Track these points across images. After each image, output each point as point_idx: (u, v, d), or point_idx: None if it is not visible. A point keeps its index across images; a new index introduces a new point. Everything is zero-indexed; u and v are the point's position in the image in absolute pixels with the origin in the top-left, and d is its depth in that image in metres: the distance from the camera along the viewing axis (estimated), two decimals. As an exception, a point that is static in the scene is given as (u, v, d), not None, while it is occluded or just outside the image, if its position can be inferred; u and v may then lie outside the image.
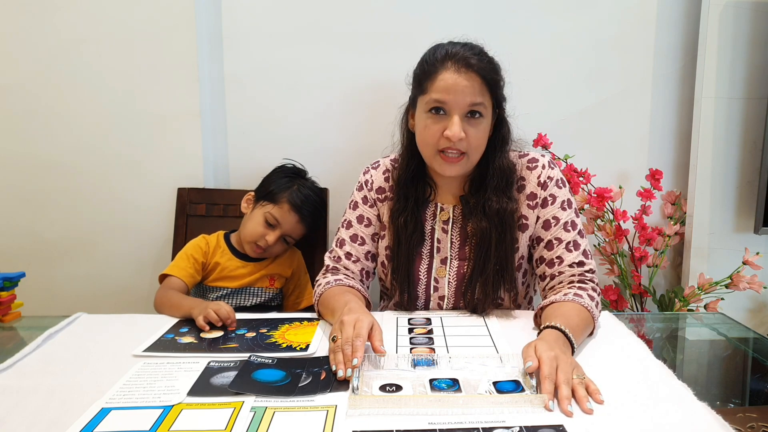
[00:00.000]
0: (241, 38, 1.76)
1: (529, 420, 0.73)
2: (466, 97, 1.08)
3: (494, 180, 1.16)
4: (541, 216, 1.17)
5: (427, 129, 1.11)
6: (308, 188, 1.48)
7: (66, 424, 0.73)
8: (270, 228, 1.41)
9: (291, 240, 1.46)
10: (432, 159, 1.14)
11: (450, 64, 1.09)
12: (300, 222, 1.44)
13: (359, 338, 0.88)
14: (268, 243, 1.40)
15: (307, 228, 1.47)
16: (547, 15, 1.75)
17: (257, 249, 1.42)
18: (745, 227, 1.75)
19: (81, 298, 1.79)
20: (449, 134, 1.08)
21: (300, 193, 1.44)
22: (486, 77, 1.09)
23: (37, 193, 1.76)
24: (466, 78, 1.08)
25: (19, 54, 1.69)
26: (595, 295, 1.08)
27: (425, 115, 1.12)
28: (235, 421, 0.73)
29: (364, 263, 1.24)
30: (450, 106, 1.09)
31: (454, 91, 1.08)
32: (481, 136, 1.12)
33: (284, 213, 1.41)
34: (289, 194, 1.43)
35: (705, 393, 0.80)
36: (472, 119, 1.10)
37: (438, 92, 1.09)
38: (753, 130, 1.71)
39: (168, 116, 1.71)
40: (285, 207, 1.42)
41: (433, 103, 1.10)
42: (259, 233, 1.41)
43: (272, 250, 1.44)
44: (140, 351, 0.97)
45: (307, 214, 1.44)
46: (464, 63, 1.08)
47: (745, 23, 1.67)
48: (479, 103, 1.09)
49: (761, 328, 1.81)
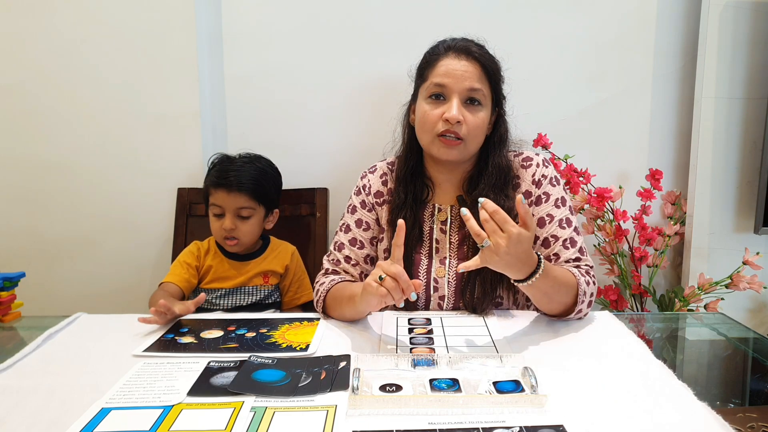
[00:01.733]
0: (241, 38, 1.76)
1: (529, 420, 0.72)
2: (465, 81, 1.11)
3: (492, 179, 1.16)
4: (536, 214, 1.18)
5: (426, 114, 1.14)
6: (227, 162, 1.45)
7: (66, 424, 0.73)
8: (220, 218, 1.42)
9: (247, 213, 1.41)
10: (431, 144, 1.15)
11: (451, 52, 1.14)
12: (230, 193, 1.39)
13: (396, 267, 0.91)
14: (228, 230, 1.40)
15: (248, 192, 1.41)
16: (547, 15, 1.75)
17: (230, 242, 1.42)
18: (745, 227, 1.75)
19: (81, 298, 1.79)
20: (448, 116, 1.10)
21: (217, 171, 1.43)
22: (486, 66, 1.13)
23: (37, 193, 1.76)
24: (467, 63, 1.12)
25: (19, 54, 1.69)
26: (590, 279, 1.08)
27: (425, 101, 1.15)
28: (235, 421, 0.73)
29: (363, 267, 1.24)
30: (449, 90, 1.11)
31: (453, 74, 1.11)
32: (479, 124, 1.13)
33: (217, 196, 1.41)
34: (210, 181, 1.43)
35: (705, 393, 0.80)
36: (471, 106, 1.13)
37: (438, 76, 1.12)
38: (753, 130, 1.71)
39: (168, 116, 1.72)
40: (214, 192, 1.42)
41: (434, 88, 1.13)
42: (217, 228, 1.42)
43: (242, 234, 1.41)
44: (140, 351, 0.97)
45: (234, 182, 1.39)
46: (465, 51, 1.13)
47: (745, 23, 1.67)
48: (478, 89, 1.12)
49: (761, 328, 1.81)
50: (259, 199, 1.43)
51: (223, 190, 1.40)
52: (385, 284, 0.91)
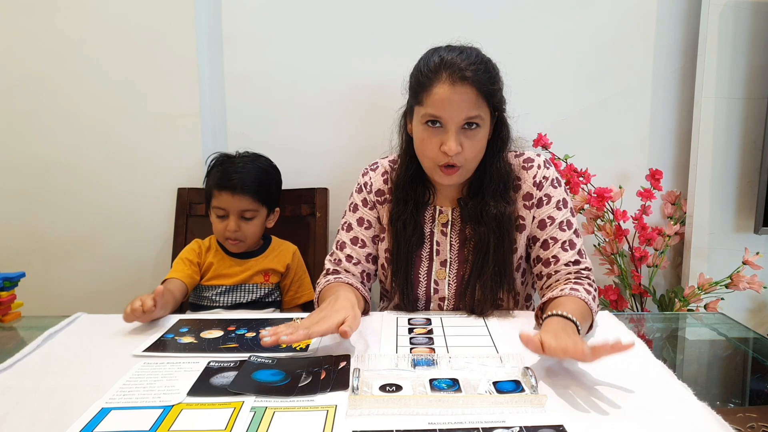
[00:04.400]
0: (241, 38, 1.76)
1: (529, 420, 0.72)
2: (461, 112, 1.07)
3: (492, 184, 1.16)
4: (537, 216, 1.18)
5: (425, 142, 1.11)
6: (228, 163, 1.44)
7: (66, 424, 0.73)
8: (223, 219, 1.41)
9: (251, 215, 1.42)
10: (432, 171, 1.15)
11: (444, 76, 1.06)
12: (235, 195, 1.39)
13: (306, 329, 0.89)
14: (231, 231, 1.40)
15: (252, 194, 1.41)
16: (547, 15, 1.75)
17: (233, 242, 1.42)
18: (745, 227, 1.75)
19: (81, 298, 1.79)
20: (446, 150, 1.08)
21: (219, 173, 1.42)
22: (481, 89, 1.07)
23: (37, 193, 1.76)
24: (462, 91, 1.06)
25: (19, 54, 1.69)
26: (591, 290, 1.09)
27: (422, 126, 1.11)
28: (235, 421, 0.73)
29: (365, 265, 1.24)
30: (445, 120, 1.08)
31: (449, 106, 1.06)
32: (478, 147, 1.12)
33: (221, 198, 1.40)
34: (213, 182, 1.42)
35: (705, 393, 0.80)
36: (468, 130, 1.09)
37: (433, 107, 1.07)
38: (753, 130, 1.71)
39: (168, 116, 1.72)
40: (217, 194, 1.41)
41: (429, 117, 1.09)
42: (220, 229, 1.42)
43: (247, 235, 1.42)
44: (140, 351, 0.97)
45: (238, 184, 1.39)
46: (459, 75, 1.05)
47: (745, 23, 1.67)
48: (475, 116, 1.08)
49: (761, 328, 1.81)
50: (263, 200, 1.44)
51: (227, 193, 1.39)
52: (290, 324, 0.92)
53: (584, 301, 1.04)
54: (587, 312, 1.03)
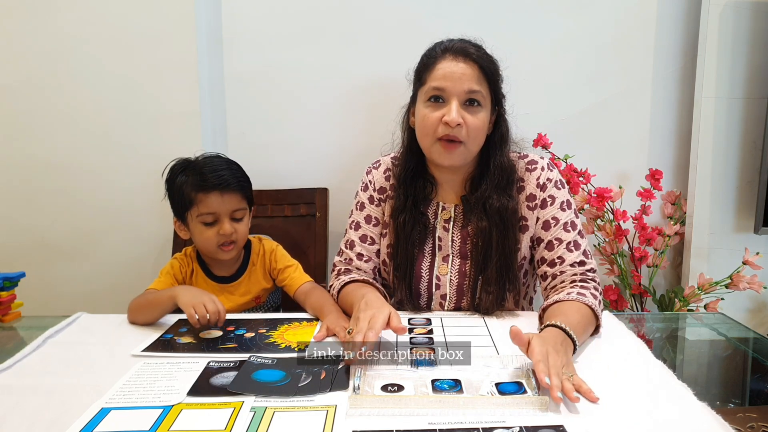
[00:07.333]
0: (241, 38, 1.76)
1: (529, 420, 0.72)
2: (464, 83, 1.10)
3: (495, 178, 1.16)
4: (541, 217, 1.18)
5: (426, 118, 1.13)
6: (200, 165, 1.29)
7: (66, 424, 0.73)
8: (214, 225, 1.26)
9: (241, 214, 1.29)
10: (431, 148, 1.15)
11: (449, 55, 1.12)
12: (225, 194, 1.25)
13: (372, 330, 0.89)
14: (228, 233, 1.26)
15: (240, 190, 1.29)
16: (547, 15, 1.75)
17: (227, 248, 1.28)
18: (745, 227, 1.75)
19: (81, 298, 1.78)
20: (447, 119, 1.09)
21: (199, 175, 1.26)
22: (484, 66, 1.12)
23: (37, 193, 1.76)
24: (464, 65, 1.11)
25: (19, 54, 1.69)
26: (597, 294, 1.09)
27: (424, 105, 1.14)
28: (235, 421, 0.73)
29: (376, 261, 1.25)
30: (448, 93, 1.10)
31: (452, 77, 1.10)
32: (480, 125, 1.13)
33: (209, 202, 1.25)
34: (194, 185, 1.26)
35: (705, 393, 0.80)
36: (470, 107, 1.12)
37: (436, 80, 1.11)
38: (753, 130, 1.71)
39: (168, 116, 1.71)
40: (203, 198, 1.25)
41: (432, 92, 1.12)
42: (211, 236, 1.26)
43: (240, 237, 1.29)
44: (140, 351, 0.97)
45: (226, 182, 1.26)
46: (462, 53, 1.12)
47: (745, 23, 1.67)
48: (477, 91, 1.11)
49: (761, 328, 1.81)
50: (248, 198, 1.33)
51: (215, 193, 1.24)
52: (348, 337, 0.93)
53: (590, 307, 1.03)
54: (591, 320, 1.03)
